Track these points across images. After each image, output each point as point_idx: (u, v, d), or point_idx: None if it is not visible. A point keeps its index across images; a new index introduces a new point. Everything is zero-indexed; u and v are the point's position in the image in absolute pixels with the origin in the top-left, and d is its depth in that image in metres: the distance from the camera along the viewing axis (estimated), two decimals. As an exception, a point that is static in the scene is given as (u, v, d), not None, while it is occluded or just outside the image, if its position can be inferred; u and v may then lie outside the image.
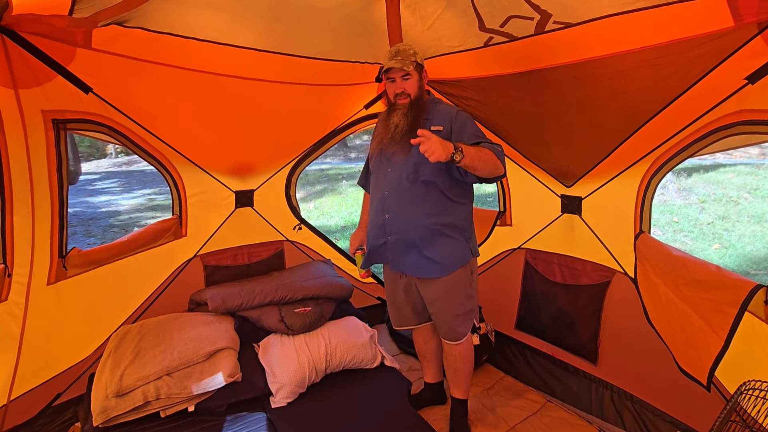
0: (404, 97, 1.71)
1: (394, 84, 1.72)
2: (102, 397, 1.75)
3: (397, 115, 1.72)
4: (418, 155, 1.65)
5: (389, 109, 1.79)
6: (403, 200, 1.73)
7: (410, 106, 1.71)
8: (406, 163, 1.72)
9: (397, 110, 1.73)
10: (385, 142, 1.77)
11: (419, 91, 1.73)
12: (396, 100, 1.73)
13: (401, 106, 1.72)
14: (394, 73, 1.70)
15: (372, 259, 1.90)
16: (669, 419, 1.81)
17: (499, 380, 2.40)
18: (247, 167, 2.53)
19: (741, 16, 1.21)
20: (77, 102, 1.78)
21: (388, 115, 1.78)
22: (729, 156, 7.50)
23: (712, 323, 1.46)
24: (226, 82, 1.99)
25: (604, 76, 1.64)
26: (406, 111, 1.71)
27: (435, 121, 1.73)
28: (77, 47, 1.62)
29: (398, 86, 1.71)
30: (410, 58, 1.69)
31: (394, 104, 1.75)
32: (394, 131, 1.72)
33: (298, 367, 2.05)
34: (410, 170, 1.71)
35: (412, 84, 1.71)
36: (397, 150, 1.74)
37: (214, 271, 2.56)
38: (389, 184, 1.77)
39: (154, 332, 2.06)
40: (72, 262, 1.89)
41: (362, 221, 2.08)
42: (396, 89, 1.72)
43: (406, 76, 1.70)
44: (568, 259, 2.24)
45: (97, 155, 14.24)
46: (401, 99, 1.72)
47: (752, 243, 4.70)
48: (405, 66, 1.67)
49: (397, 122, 1.72)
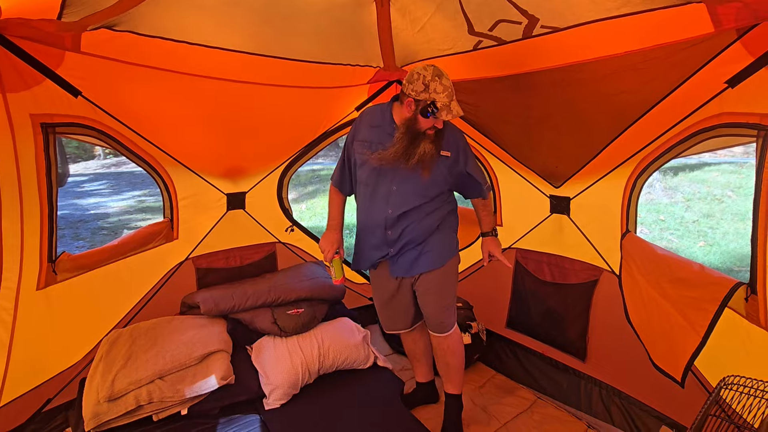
0: (434, 129, 1.67)
1: (437, 121, 1.63)
2: (93, 402, 1.74)
3: (426, 143, 1.66)
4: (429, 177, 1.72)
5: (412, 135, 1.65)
6: (407, 218, 1.75)
7: (436, 133, 1.69)
8: (413, 183, 1.72)
9: (425, 139, 1.66)
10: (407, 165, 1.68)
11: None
12: (427, 131, 1.66)
13: (429, 136, 1.67)
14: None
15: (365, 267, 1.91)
16: (656, 414, 1.86)
17: (491, 378, 2.43)
18: (238, 170, 2.53)
19: (720, 23, 1.25)
20: (66, 106, 1.77)
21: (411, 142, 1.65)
22: (714, 155, 7.63)
23: (692, 320, 1.50)
24: (218, 85, 1.99)
25: (590, 80, 1.67)
26: (433, 138, 1.68)
27: (446, 146, 1.74)
28: (66, 51, 1.62)
29: (440, 123, 1.65)
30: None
31: (423, 133, 1.66)
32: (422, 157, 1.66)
33: (291, 369, 2.06)
34: (418, 192, 1.74)
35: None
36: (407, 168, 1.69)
37: (206, 273, 2.55)
38: (393, 202, 1.74)
39: (145, 336, 2.06)
40: (62, 266, 1.87)
41: (335, 222, 1.95)
42: (438, 125, 1.65)
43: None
44: (557, 259, 2.28)
45: (85, 157, 14.02)
46: (431, 129, 1.67)
47: (736, 240, 4.81)
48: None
49: (426, 149, 1.66)
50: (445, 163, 1.75)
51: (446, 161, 1.75)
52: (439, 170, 1.74)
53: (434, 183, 1.75)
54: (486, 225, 1.91)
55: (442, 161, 1.74)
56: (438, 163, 1.73)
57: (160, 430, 1.80)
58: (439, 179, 1.75)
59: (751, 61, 1.29)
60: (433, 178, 1.73)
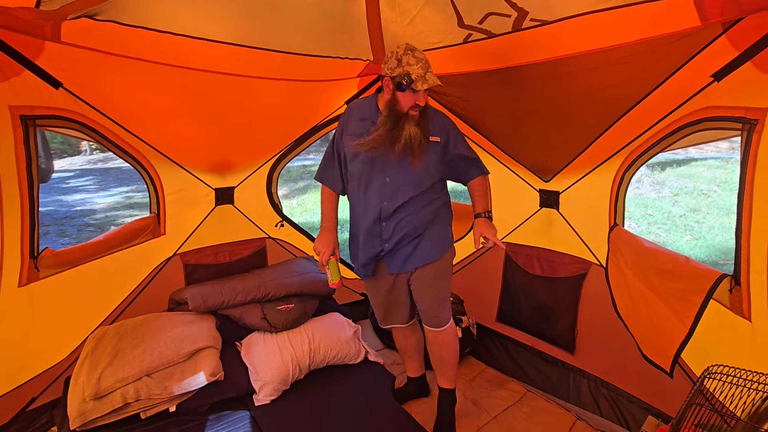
0: (417, 108, 1.63)
1: (417, 95, 1.60)
2: (79, 400, 1.71)
3: (411, 126, 1.63)
4: (420, 166, 1.70)
5: (395, 117, 1.63)
6: (402, 210, 1.73)
7: (421, 115, 1.66)
8: (406, 173, 1.70)
9: (409, 121, 1.64)
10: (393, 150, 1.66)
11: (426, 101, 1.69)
12: (409, 111, 1.63)
13: (413, 117, 1.64)
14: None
15: (366, 269, 1.86)
16: (642, 405, 1.88)
17: (481, 372, 2.45)
18: (226, 164, 2.49)
19: (707, 16, 1.26)
20: (47, 97, 1.72)
21: (394, 125, 1.64)
22: (700, 150, 7.76)
23: (678, 311, 1.52)
24: (204, 77, 1.95)
25: (578, 74, 1.68)
26: (418, 120, 1.65)
27: (434, 131, 1.73)
28: (46, 41, 1.57)
29: (422, 99, 1.61)
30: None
31: (404, 114, 1.63)
32: (408, 141, 1.63)
33: (282, 364, 2.05)
34: (411, 181, 1.71)
35: (426, 95, 1.66)
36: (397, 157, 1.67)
37: (195, 269, 2.52)
38: (386, 193, 1.72)
39: (132, 333, 2.03)
40: (44, 262, 1.83)
41: (329, 223, 1.89)
42: (419, 101, 1.61)
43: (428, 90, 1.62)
44: (546, 252, 2.29)
45: (70, 152, 13.75)
46: (414, 110, 1.63)
47: (721, 234, 4.90)
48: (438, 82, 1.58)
49: (411, 132, 1.63)
50: (435, 149, 1.73)
51: (436, 147, 1.73)
52: (430, 157, 1.71)
53: (427, 172, 1.73)
54: (479, 205, 1.80)
55: (432, 147, 1.72)
56: (428, 150, 1.70)
57: (148, 427, 1.78)
58: (432, 167, 1.73)
59: (736, 54, 1.31)
60: (426, 166, 1.71)
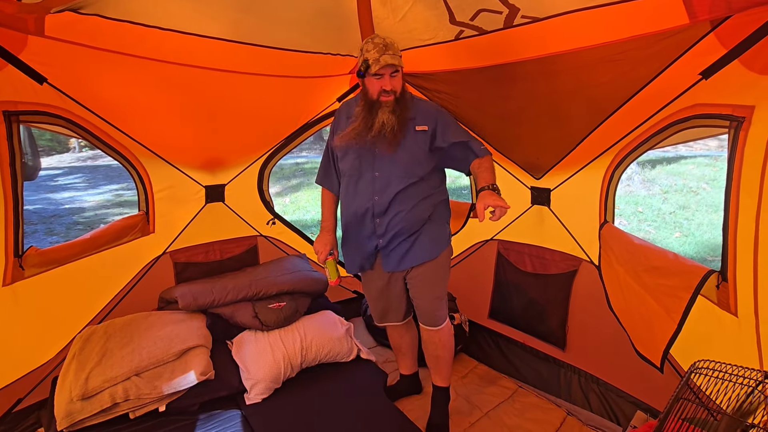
0: (389, 95, 1.63)
1: (382, 80, 1.60)
2: (66, 401, 1.69)
3: (384, 113, 1.63)
4: (408, 157, 1.69)
5: (368, 105, 1.66)
6: (395, 203, 1.71)
7: (396, 102, 1.64)
8: (394, 165, 1.69)
9: (382, 107, 1.64)
10: (368, 140, 1.67)
11: (403, 87, 1.68)
12: (380, 98, 1.63)
13: (387, 104, 1.63)
14: (386, 69, 1.59)
15: (361, 267, 1.87)
16: (631, 399, 1.90)
17: (473, 369, 2.46)
18: (217, 161, 2.47)
19: (695, 14, 1.26)
20: (31, 93, 1.68)
21: (369, 113, 1.66)
22: (690, 148, 7.84)
23: (667, 307, 1.53)
24: (193, 73, 1.92)
25: (569, 71, 1.68)
26: (393, 107, 1.64)
27: (419, 120, 1.71)
28: (29, 35, 1.53)
29: (387, 83, 1.60)
30: (398, 53, 1.63)
31: (376, 101, 1.64)
32: (381, 129, 1.63)
33: (273, 363, 2.04)
34: (400, 173, 1.69)
35: (399, 80, 1.64)
36: (382, 147, 1.68)
37: (185, 268, 2.49)
38: (377, 188, 1.71)
39: (121, 332, 2.00)
40: (29, 261, 1.80)
41: (328, 224, 1.94)
42: (385, 86, 1.61)
43: (395, 73, 1.62)
44: (538, 249, 2.30)
45: (59, 149, 13.52)
46: (386, 96, 1.63)
47: (710, 231, 4.97)
48: (400, 63, 1.59)
49: (384, 120, 1.63)
50: (423, 138, 1.70)
51: (424, 136, 1.70)
52: (418, 146, 1.70)
53: (417, 162, 1.70)
54: (483, 179, 1.62)
55: (420, 136, 1.70)
56: (415, 139, 1.69)
57: (137, 427, 1.76)
58: (422, 157, 1.70)
59: (724, 52, 1.31)
60: (414, 156, 1.69)
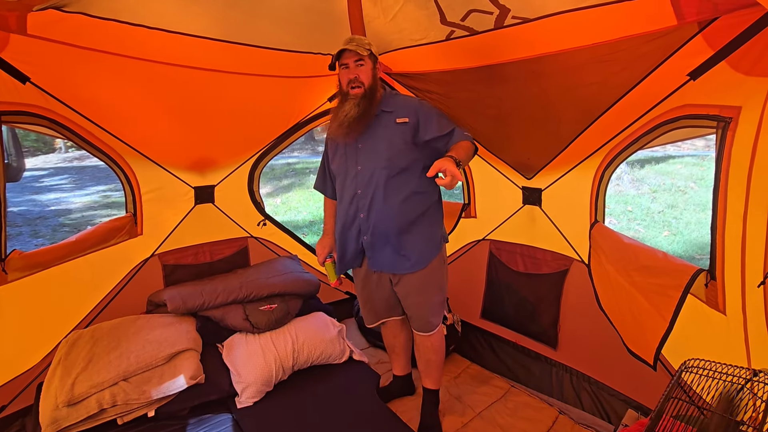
0: (357, 86, 1.67)
1: (348, 70, 1.68)
2: (51, 407, 1.65)
3: (349, 105, 1.67)
4: (388, 147, 1.68)
5: (341, 99, 1.72)
6: (378, 197, 1.70)
7: (363, 95, 1.67)
8: (376, 157, 1.69)
9: (349, 100, 1.68)
10: (342, 134, 1.71)
11: (373, 81, 1.70)
12: (349, 89, 1.68)
13: (354, 96, 1.67)
14: (348, 57, 1.66)
15: (347, 265, 1.86)
16: (623, 398, 1.92)
17: (466, 369, 2.46)
18: (206, 162, 2.43)
19: (683, 15, 1.27)
20: (13, 93, 1.64)
21: (340, 105, 1.72)
22: (678, 148, 7.96)
23: (658, 306, 1.55)
24: (181, 72, 1.89)
25: (559, 72, 1.69)
26: (359, 101, 1.67)
27: (399, 113, 1.72)
28: (11, 33, 1.49)
29: (352, 72, 1.66)
30: (365, 45, 1.67)
31: (346, 94, 1.70)
32: (342, 119, 1.67)
33: (264, 366, 2.02)
34: (383, 164, 1.68)
35: (366, 71, 1.68)
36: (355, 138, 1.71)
37: (174, 270, 2.46)
38: (360, 182, 1.73)
39: (108, 336, 1.96)
40: (12, 265, 1.75)
41: (328, 227, 2.01)
42: (350, 75, 1.67)
43: (359, 62, 1.66)
44: (529, 249, 2.31)
45: (45, 150, 13.26)
46: (354, 88, 1.67)
47: (698, 230, 5.04)
48: (359, 50, 1.63)
49: (347, 110, 1.67)
50: (404, 130, 1.71)
51: (405, 128, 1.71)
52: (399, 138, 1.70)
53: (398, 153, 1.69)
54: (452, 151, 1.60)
55: (400, 128, 1.71)
56: (395, 131, 1.70)
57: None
58: (403, 148, 1.70)
59: (712, 54, 1.33)
60: (395, 147, 1.69)
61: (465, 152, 1.66)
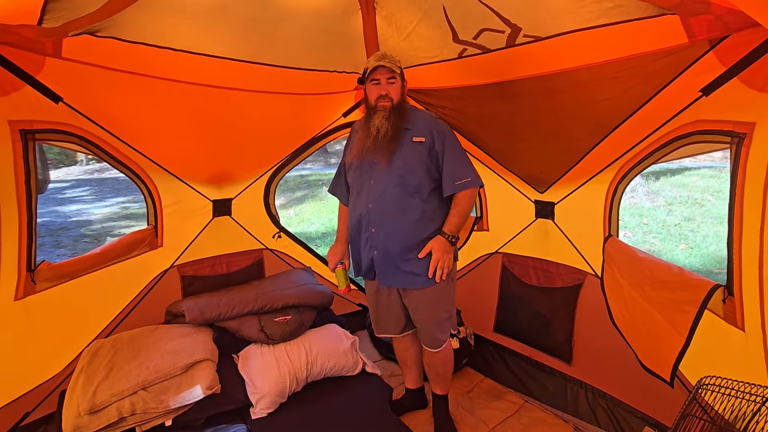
0: (386, 101, 1.68)
1: (378, 86, 1.69)
2: (74, 415, 1.69)
3: (379, 118, 1.68)
4: (402, 165, 1.70)
5: (368, 113, 1.74)
6: (389, 213, 1.72)
7: (392, 109, 1.69)
8: (390, 174, 1.71)
9: (378, 113, 1.69)
10: (367, 147, 1.72)
11: (401, 98, 1.73)
12: (377, 103, 1.69)
13: (382, 109, 1.68)
14: (381, 73, 1.67)
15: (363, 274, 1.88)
16: (639, 415, 1.88)
17: (479, 383, 2.44)
18: (224, 176, 2.51)
19: (693, 34, 1.30)
20: (47, 112, 1.73)
21: (367, 120, 1.73)
22: (694, 160, 7.83)
23: (675, 322, 1.53)
24: (203, 91, 1.98)
25: (572, 88, 1.71)
26: (388, 114, 1.68)
27: (416, 131, 1.73)
28: (47, 56, 1.59)
29: (383, 88, 1.68)
30: (396, 63, 1.71)
31: (374, 107, 1.70)
32: (376, 135, 1.68)
33: (279, 377, 2.04)
34: (395, 182, 1.70)
35: (396, 89, 1.70)
36: (379, 156, 1.71)
37: (192, 281, 2.51)
38: (373, 196, 1.74)
39: (128, 346, 2.01)
40: (41, 276, 1.83)
41: (340, 234, 2.01)
42: (381, 91, 1.68)
43: (391, 79, 1.69)
44: (542, 263, 2.30)
45: (67, 162, 13.73)
46: (383, 102, 1.68)
47: (716, 243, 4.93)
48: (393, 67, 1.67)
49: (378, 125, 1.68)
50: (419, 150, 1.71)
51: (421, 147, 1.71)
52: (414, 157, 1.70)
53: (411, 171, 1.70)
54: (447, 224, 1.71)
55: (416, 147, 1.71)
56: (411, 149, 1.71)
57: (143, 442, 1.76)
58: (418, 168, 1.70)
59: (723, 70, 1.34)
60: (409, 165, 1.70)
61: (460, 217, 1.71)
